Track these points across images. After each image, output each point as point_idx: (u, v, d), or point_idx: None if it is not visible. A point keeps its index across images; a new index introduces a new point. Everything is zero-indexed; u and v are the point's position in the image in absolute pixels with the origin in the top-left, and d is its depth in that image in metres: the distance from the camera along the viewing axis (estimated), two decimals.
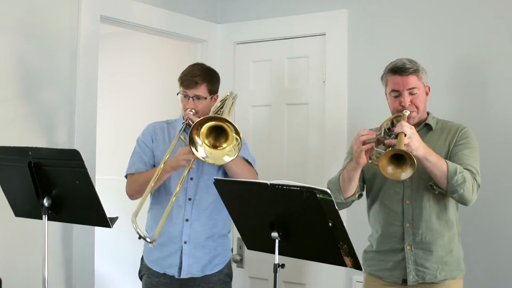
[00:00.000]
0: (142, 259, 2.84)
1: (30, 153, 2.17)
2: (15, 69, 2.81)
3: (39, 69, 2.90)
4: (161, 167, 2.54)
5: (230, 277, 2.84)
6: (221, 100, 2.82)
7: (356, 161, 2.41)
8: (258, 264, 3.61)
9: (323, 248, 2.07)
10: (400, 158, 2.24)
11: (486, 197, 2.77)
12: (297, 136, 3.62)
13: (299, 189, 1.96)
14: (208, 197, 2.74)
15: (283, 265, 2.11)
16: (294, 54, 3.64)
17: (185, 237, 2.71)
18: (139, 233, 2.36)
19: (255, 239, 2.28)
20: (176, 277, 2.71)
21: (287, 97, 3.66)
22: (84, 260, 3.06)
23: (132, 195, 2.75)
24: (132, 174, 2.77)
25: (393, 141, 2.32)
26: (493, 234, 2.96)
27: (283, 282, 3.53)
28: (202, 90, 2.73)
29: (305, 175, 3.51)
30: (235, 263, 3.75)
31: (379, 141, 2.39)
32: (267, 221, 2.09)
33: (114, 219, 2.23)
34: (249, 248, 2.33)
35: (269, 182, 2.00)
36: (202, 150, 2.47)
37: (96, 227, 2.98)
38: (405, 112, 2.45)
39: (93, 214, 2.19)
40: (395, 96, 2.50)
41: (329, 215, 1.94)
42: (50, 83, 2.95)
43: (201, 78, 2.73)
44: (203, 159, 2.49)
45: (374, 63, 3.30)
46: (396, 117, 2.49)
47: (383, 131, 2.41)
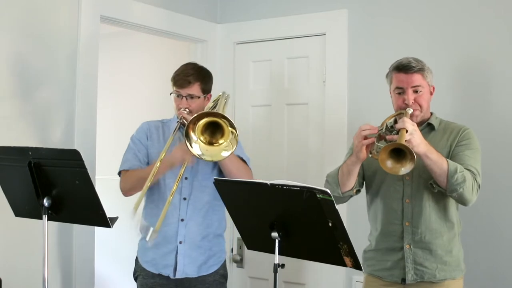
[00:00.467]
0: (136, 260, 2.81)
1: (30, 153, 2.17)
2: (15, 69, 2.81)
3: (39, 69, 2.90)
4: (157, 165, 2.52)
5: (225, 277, 2.83)
6: (214, 100, 2.81)
7: (356, 156, 2.41)
8: (258, 264, 3.61)
9: (323, 248, 2.07)
10: (400, 153, 2.24)
11: (487, 198, 2.77)
12: (297, 136, 3.62)
13: (299, 189, 1.96)
14: (203, 196, 2.73)
15: (283, 265, 2.11)
16: (294, 54, 3.64)
17: (181, 237, 2.69)
18: (142, 223, 2.36)
19: (255, 239, 2.28)
20: (171, 277, 2.69)
21: (287, 97, 3.66)
22: (84, 260, 3.06)
23: (126, 191, 2.73)
24: (126, 170, 2.74)
25: (394, 136, 2.31)
26: (493, 234, 2.96)
27: (283, 282, 3.52)
28: (195, 89, 2.71)
29: (305, 175, 3.51)
30: (235, 263, 3.75)
31: (381, 137, 2.38)
32: (267, 221, 2.09)
33: (114, 219, 2.23)
34: (249, 248, 2.33)
35: (269, 182, 2.00)
36: (197, 147, 2.46)
37: (96, 227, 2.98)
38: (408, 110, 2.45)
39: (93, 214, 2.19)
40: (399, 93, 2.49)
41: (329, 215, 1.94)
42: (50, 83, 2.95)
43: (194, 77, 2.71)
44: (199, 157, 2.49)
45: (374, 63, 3.31)
46: (398, 114, 2.47)
47: (384, 127, 2.40)
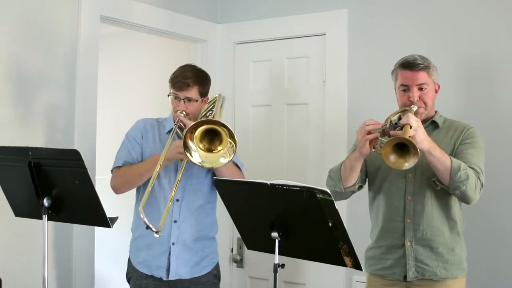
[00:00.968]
0: (129, 261, 2.80)
1: (30, 153, 2.17)
2: (15, 69, 2.81)
3: (39, 69, 2.90)
4: (157, 170, 2.50)
5: (218, 278, 2.82)
6: (209, 102, 2.78)
7: (359, 151, 2.40)
8: (258, 264, 3.61)
9: (323, 248, 2.07)
10: (403, 148, 2.23)
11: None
12: (297, 136, 3.62)
13: (299, 189, 1.96)
14: (196, 200, 2.73)
15: (283, 265, 2.11)
16: (294, 54, 3.64)
17: (173, 239, 2.68)
18: (146, 223, 2.37)
19: (255, 239, 2.28)
20: (164, 279, 2.68)
21: (287, 97, 3.66)
22: (84, 260, 3.06)
23: (118, 188, 2.71)
24: (118, 167, 2.72)
25: (398, 132, 2.30)
26: (496, 233, 2.95)
27: (283, 282, 3.52)
28: (193, 92, 2.69)
29: (305, 175, 3.51)
30: (235, 263, 3.75)
31: (384, 132, 2.37)
32: (267, 221, 2.09)
33: (114, 219, 2.23)
34: (249, 248, 2.33)
35: (269, 182, 2.01)
36: (197, 155, 2.45)
37: (96, 227, 2.98)
38: (412, 107, 2.44)
39: (93, 214, 2.19)
40: (404, 90, 2.49)
41: (329, 215, 1.94)
42: (50, 83, 2.95)
43: (192, 80, 2.69)
44: (200, 165, 2.48)
45: (374, 63, 3.31)
46: (403, 111, 2.47)
47: (389, 123, 2.39)
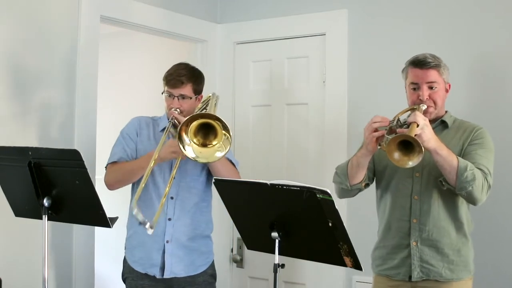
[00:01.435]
0: (124, 260, 2.81)
1: (30, 153, 2.17)
2: (15, 69, 2.81)
3: (39, 69, 2.90)
4: (151, 165, 2.51)
5: (214, 277, 2.83)
6: (203, 101, 2.80)
7: (366, 148, 2.39)
8: (258, 264, 3.61)
9: (323, 248, 2.07)
10: (408, 146, 2.22)
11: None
12: (297, 136, 3.62)
13: (299, 189, 1.96)
14: (190, 197, 2.73)
15: (283, 265, 2.11)
16: (294, 54, 3.64)
17: (168, 236, 2.69)
18: (139, 219, 2.36)
19: (255, 239, 2.28)
20: (158, 277, 2.69)
21: (287, 97, 3.66)
22: (84, 260, 3.06)
23: (112, 184, 2.71)
24: (113, 164, 2.73)
25: (405, 130, 2.28)
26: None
27: (283, 282, 3.52)
28: (187, 90, 2.71)
29: (305, 175, 3.51)
30: (235, 263, 3.75)
31: (392, 130, 2.35)
32: (267, 221, 2.09)
33: (114, 219, 2.23)
34: (249, 248, 2.33)
35: (269, 182, 2.00)
36: (190, 149, 2.46)
37: (96, 227, 2.98)
38: (422, 105, 2.42)
39: (93, 214, 2.19)
40: (414, 88, 2.47)
41: (329, 215, 1.94)
42: (50, 83, 2.95)
43: (186, 77, 2.71)
44: (194, 159, 2.49)
45: (374, 63, 3.31)
46: (411, 109, 2.44)
47: (396, 121, 2.38)
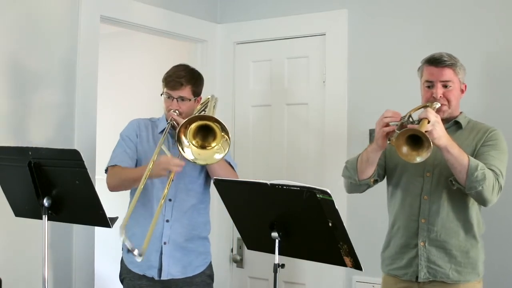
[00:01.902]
0: (122, 261, 2.81)
1: (30, 153, 2.17)
2: (15, 69, 2.81)
3: (39, 69, 2.90)
4: (146, 175, 2.46)
5: (211, 278, 2.83)
6: (202, 103, 2.80)
7: (376, 142, 2.38)
8: (258, 264, 3.61)
9: (323, 248, 2.07)
10: (417, 141, 2.19)
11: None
12: (297, 136, 3.62)
13: (299, 189, 1.96)
14: (188, 199, 2.73)
15: (283, 265, 2.11)
16: (294, 54, 3.64)
17: (165, 238, 2.69)
18: (128, 247, 2.31)
19: (255, 239, 2.28)
20: (155, 278, 2.69)
21: (287, 97, 3.66)
22: (84, 260, 3.06)
23: (113, 187, 2.71)
24: (113, 166, 2.72)
25: (416, 126, 2.25)
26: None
27: (283, 282, 3.52)
28: (186, 91, 2.70)
29: (305, 175, 3.51)
30: (235, 263, 3.75)
31: (402, 126, 2.32)
32: (267, 221, 2.09)
33: (114, 219, 2.23)
34: (249, 248, 2.33)
35: (269, 182, 2.01)
36: (189, 152, 2.46)
37: (96, 227, 2.98)
38: (435, 103, 2.40)
39: (93, 214, 2.19)
40: (428, 86, 2.45)
41: (329, 215, 1.94)
42: (50, 83, 2.95)
43: (186, 79, 2.70)
44: (193, 161, 2.48)
45: (374, 63, 3.31)
46: (424, 106, 2.41)
47: (408, 117, 2.34)
